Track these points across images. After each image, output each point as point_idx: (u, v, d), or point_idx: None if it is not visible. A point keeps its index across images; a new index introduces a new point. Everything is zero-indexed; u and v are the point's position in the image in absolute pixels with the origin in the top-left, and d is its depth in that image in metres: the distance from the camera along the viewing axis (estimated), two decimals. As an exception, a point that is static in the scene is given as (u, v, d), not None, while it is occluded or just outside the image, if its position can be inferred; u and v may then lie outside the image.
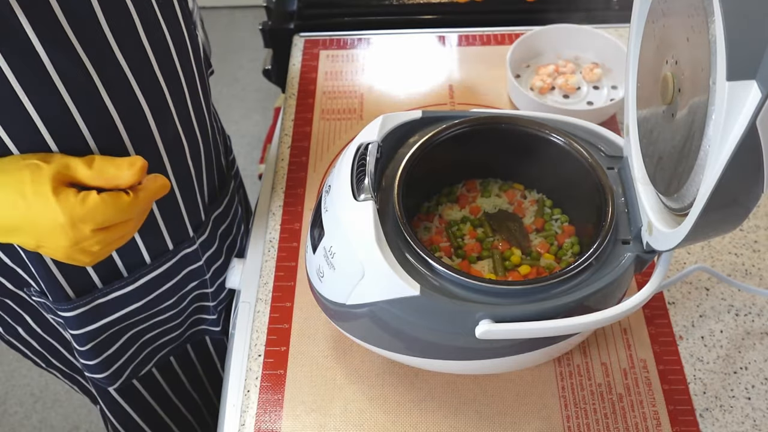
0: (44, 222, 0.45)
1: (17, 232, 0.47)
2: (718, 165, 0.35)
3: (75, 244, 0.47)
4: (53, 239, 0.46)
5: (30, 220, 0.45)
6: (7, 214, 0.46)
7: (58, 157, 0.47)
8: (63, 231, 0.46)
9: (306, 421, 0.58)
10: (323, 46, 0.91)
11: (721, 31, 0.33)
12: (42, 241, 0.47)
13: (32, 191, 0.45)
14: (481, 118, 0.57)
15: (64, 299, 0.60)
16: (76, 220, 0.45)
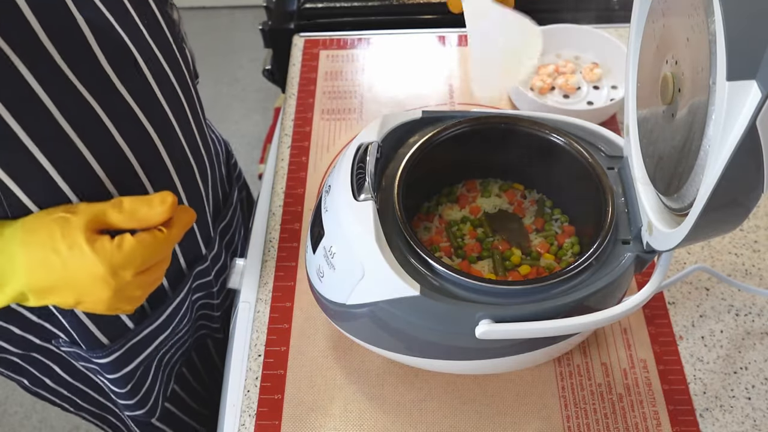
0: (83, 276, 0.43)
1: (54, 292, 0.44)
2: (718, 165, 0.35)
3: (117, 293, 0.45)
4: (95, 292, 0.45)
5: (67, 277, 0.43)
6: (42, 275, 0.43)
7: (83, 206, 0.46)
8: (104, 282, 0.44)
9: (306, 421, 0.58)
10: (323, 46, 0.91)
11: (721, 31, 0.33)
12: (82, 296, 0.45)
13: (66, 246, 0.43)
14: (481, 118, 0.57)
15: (98, 347, 0.58)
16: (117, 267, 0.44)
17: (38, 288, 0.44)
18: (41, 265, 0.43)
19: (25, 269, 0.43)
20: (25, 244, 0.44)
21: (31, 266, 0.43)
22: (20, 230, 0.44)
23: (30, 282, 0.44)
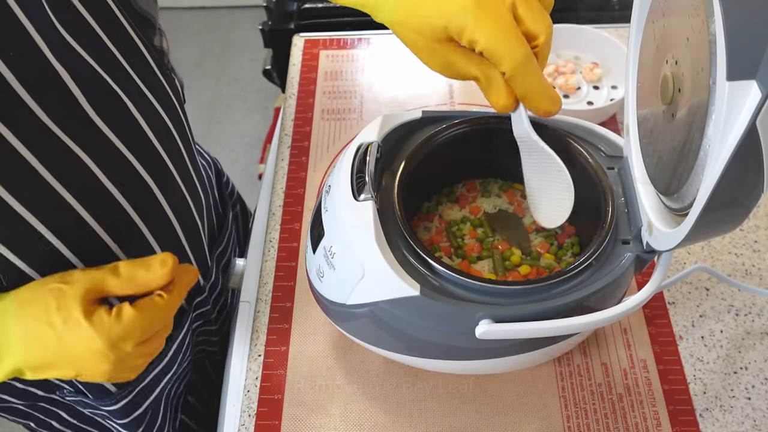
0: (80, 351, 0.42)
1: (51, 367, 0.43)
2: (718, 165, 0.35)
3: (117, 365, 0.43)
4: (93, 366, 0.43)
5: (64, 352, 0.42)
6: (38, 351, 0.41)
7: (79, 274, 0.44)
8: (103, 356, 0.42)
9: (306, 421, 0.58)
10: (323, 46, 0.91)
11: (721, 31, 0.33)
12: (81, 370, 0.43)
13: (61, 319, 0.41)
14: (481, 118, 0.57)
15: (105, 395, 0.57)
16: (116, 340, 0.42)
17: (34, 364, 0.42)
18: (36, 339, 0.41)
19: (21, 344, 0.41)
20: (19, 317, 0.42)
21: (26, 341, 0.41)
22: (14, 302, 0.42)
23: (26, 358, 0.42)
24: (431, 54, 0.48)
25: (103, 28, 0.48)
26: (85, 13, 0.46)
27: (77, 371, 0.43)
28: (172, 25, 2.21)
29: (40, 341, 0.41)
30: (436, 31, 0.45)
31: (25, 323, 0.42)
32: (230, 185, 0.83)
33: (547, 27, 0.46)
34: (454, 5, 0.44)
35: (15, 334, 0.41)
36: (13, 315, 0.42)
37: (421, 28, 0.46)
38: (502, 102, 0.48)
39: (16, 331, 0.41)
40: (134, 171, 0.50)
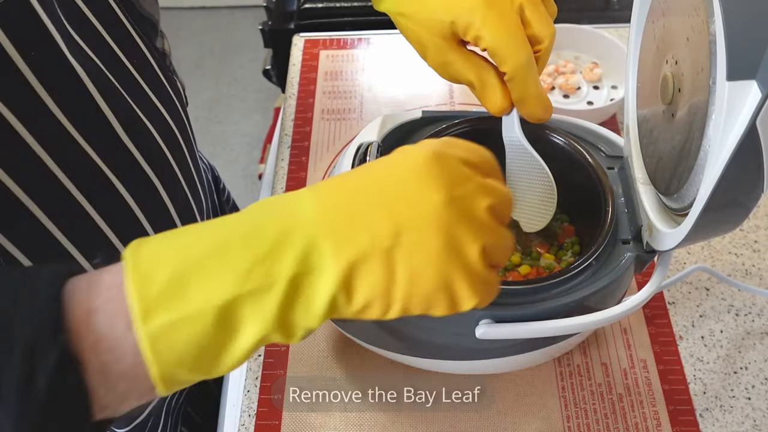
0: (406, 180, 0.32)
1: (360, 218, 0.32)
2: (718, 165, 0.35)
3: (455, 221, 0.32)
4: (421, 213, 0.32)
5: (381, 185, 0.33)
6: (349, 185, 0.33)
7: None
8: (435, 181, 0.32)
9: (306, 421, 0.58)
10: (323, 46, 0.91)
11: (721, 31, 0.33)
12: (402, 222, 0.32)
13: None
14: (481, 118, 0.57)
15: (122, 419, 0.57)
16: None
17: (335, 219, 0.31)
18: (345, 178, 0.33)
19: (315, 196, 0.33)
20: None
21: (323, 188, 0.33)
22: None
23: (324, 204, 0.32)
24: (433, 50, 0.48)
25: (107, 29, 0.48)
26: (89, 13, 0.46)
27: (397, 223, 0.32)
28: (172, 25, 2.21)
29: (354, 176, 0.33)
30: (442, 26, 0.46)
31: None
32: (226, 192, 0.83)
33: (551, 33, 0.46)
34: (464, 2, 0.44)
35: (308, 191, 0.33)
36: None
37: (427, 22, 0.46)
38: (499, 104, 0.48)
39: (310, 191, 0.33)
40: (142, 172, 0.50)
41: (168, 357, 0.30)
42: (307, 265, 0.31)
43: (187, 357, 0.30)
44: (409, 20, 0.48)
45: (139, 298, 0.29)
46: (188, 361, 0.30)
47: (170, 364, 0.30)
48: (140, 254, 0.31)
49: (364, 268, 0.31)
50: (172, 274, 0.30)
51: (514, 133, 0.52)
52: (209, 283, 0.30)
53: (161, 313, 0.29)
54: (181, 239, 0.32)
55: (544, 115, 0.48)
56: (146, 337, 0.29)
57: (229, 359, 0.31)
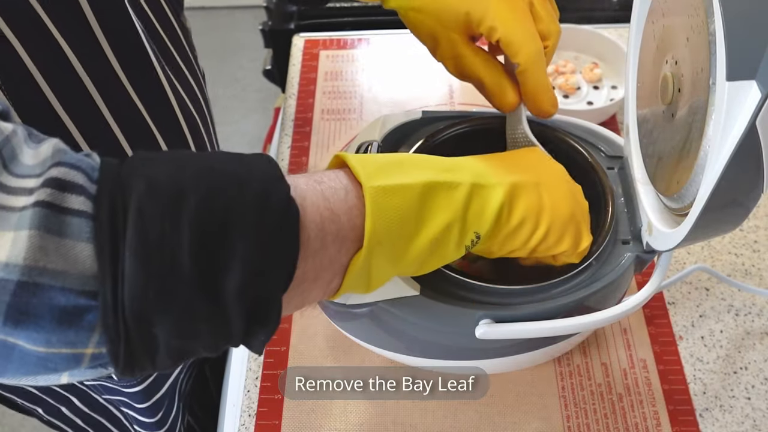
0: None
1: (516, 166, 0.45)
2: (718, 165, 0.35)
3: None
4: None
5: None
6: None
7: None
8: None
9: (306, 421, 0.58)
10: (323, 46, 0.91)
11: (721, 31, 0.33)
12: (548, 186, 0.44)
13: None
14: (481, 118, 0.57)
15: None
16: None
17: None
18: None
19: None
20: None
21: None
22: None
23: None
24: (444, 43, 0.49)
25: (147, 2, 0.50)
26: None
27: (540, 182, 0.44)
28: (172, 25, 2.20)
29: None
30: (456, 18, 0.47)
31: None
32: None
33: (558, 31, 0.48)
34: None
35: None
36: None
37: (440, 14, 0.47)
38: (509, 99, 0.50)
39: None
40: (178, 121, 0.52)
41: (380, 218, 0.35)
42: (482, 180, 0.40)
43: (393, 225, 0.36)
44: (421, 13, 0.48)
45: (362, 168, 0.36)
46: (393, 229, 0.36)
47: (380, 227, 0.35)
48: (352, 156, 0.38)
49: (522, 191, 0.42)
50: (384, 164, 0.38)
51: (521, 128, 0.52)
52: (413, 173, 0.38)
53: (381, 179, 0.36)
54: (375, 156, 0.39)
55: (551, 110, 0.50)
56: (369, 192, 0.35)
57: (418, 243, 0.38)
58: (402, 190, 0.36)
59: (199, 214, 0.29)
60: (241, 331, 0.31)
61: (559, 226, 0.43)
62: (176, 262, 0.28)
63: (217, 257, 0.29)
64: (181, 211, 0.28)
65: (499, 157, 0.45)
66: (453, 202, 0.38)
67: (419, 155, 0.42)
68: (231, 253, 0.29)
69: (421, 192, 0.37)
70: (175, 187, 0.29)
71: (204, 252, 0.29)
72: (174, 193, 0.29)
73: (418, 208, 0.37)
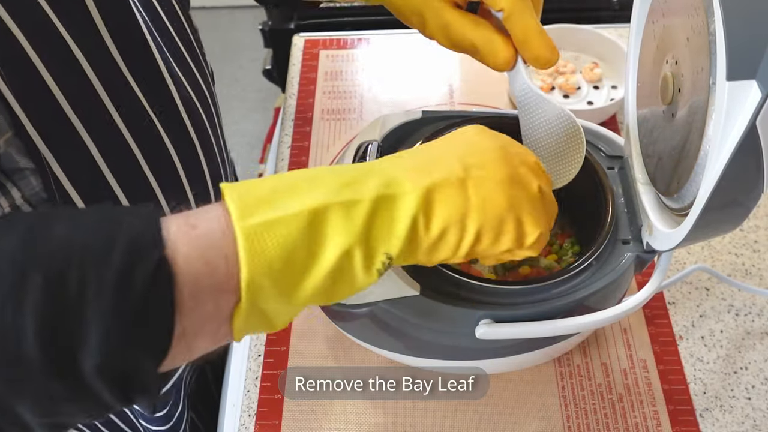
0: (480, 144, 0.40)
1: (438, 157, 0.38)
2: (718, 165, 0.35)
3: (516, 179, 0.39)
4: (491, 163, 0.39)
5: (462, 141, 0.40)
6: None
7: None
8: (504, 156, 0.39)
9: (306, 421, 0.58)
10: (323, 46, 0.91)
11: (721, 31, 0.33)
12: (472, 164, 0.38)
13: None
14: (481, 118, 0.57)
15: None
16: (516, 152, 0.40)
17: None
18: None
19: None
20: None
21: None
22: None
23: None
24: (430, 14, 0.48)
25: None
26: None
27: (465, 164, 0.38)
28: (172, 25, 2.20)
29: None
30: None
31: None
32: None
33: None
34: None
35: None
36: None
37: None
38: (503, 55, 0.47)
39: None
40: (168, 155, 0.51)
41: (257, 262, 0.31)
42: (390, 190, 0.35)
43: (276, 265, 0.32)
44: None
45: (238, 202, 0.32)
46: (276, 270, 0.32)
47: (260, 269, 0.31)
48: (235, 185, 0.34)
49: (441, 194, 0.36)
50: (271, 191, 0.33)
51: (525, 83, 0.49)
52: (304, 196, 0.33)
53: (261, 212, 0.32)
54: (271, 178, 0.35)
55: (551, 56, 0.46)
56: (243, 233, 0.31)
57: (313, 277, 0.33)
58: (285, 222, 0.32)
59: (45, 298, 0.27)
60: (115, 402, 0.30)
61: (492, 225, 0.37)
62: (22, 348, 0.27)
63: (69, 340, 0.28)
64: (25, 295, 0.27)
65: (422, 152, 0.39)
66: (351, 225, 0.33)
67: (323, 169, 0.36)
68: (85, 334, 0.28)
69: (309, 220, 0.32)
70: (19, 267, 0.28)
71: (52, 336, 0.27)
72: (18, 275, 0.27)
73: (307, 239, 0.33)
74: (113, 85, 0.44)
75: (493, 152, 0.39)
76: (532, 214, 0.39)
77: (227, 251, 0.31)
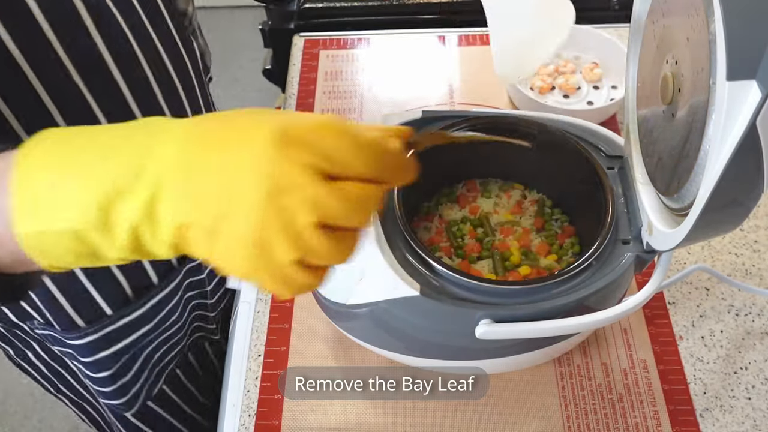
0: (237, 186, 0.31)
1: (195, 195, 0.31)
2: (718, 165, 0.35)
3: (265, 254, 0.31)
4: (238, 220, 0.31)
5: (221, 181, 0.31)
6: (193, 164, 0.31)
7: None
8: (259, 207, 0.30)
9: (306, 422, 0.58)
10: (323, 46, 0.91)
11: (721, 31, 0.33)
12: (220, 219, 0.31)
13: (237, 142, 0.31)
14: (481, 118, 0.57)
15: (73, 329, 0.58)
16: (285, 188, 0.30)
17: (179, 185, 0.31)
18: (197, 153, 0.31)
19: (174, 159, 0.32)
20: (185, 132, 0.32)
21: (181, 157, 0.32)
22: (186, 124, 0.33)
23: (171, 175, 0.31)
24: None
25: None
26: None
27: (215, 219, 0.31)
28: (172, 25, 2.21)
29: (201, 157, 0.32)
30: None
31: (189, 139, 0.32)
32: None
33: None
34: None
35: (172, 144, 0.32)
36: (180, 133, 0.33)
37: None
38: None
39: (173, 141, 0.32)
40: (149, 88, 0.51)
41: (45, 256, 0.33)
42: (149, 217, 0.32)
43: (65, 257, 0.33)
44: None
45: (19, 199, 0.32)
46: (68, 259, 0.33)
47: (51, 258, 0.33)
48: (33, 154, 0.33)
49: (191, 234, 0.32)
50: (47, 185, 0.32)
51: None
52: (69, 210, 0.32)
53: (32, 222, 0.32)
54: (68, 146, 0.33)
55: None
56: (23, 238, 0.32)
57: (108, 258, 0.33)
58: (53, 236, 0.32)
59: None
60: None
61: (238, 276, 0.33)
62: None
63: None
64: None
65: (203, 152, 0.32)
66: (112, 242, 0.32)
67: (100, 147, 0.33)
68: None
69: (72, 239, 0.32)
70: None
71: None
72: None
73: (78, 248, 0.32)
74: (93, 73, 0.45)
75: (252, 201, 0.31)
76: (273, 283, 0.33)
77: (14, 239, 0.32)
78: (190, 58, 0.57)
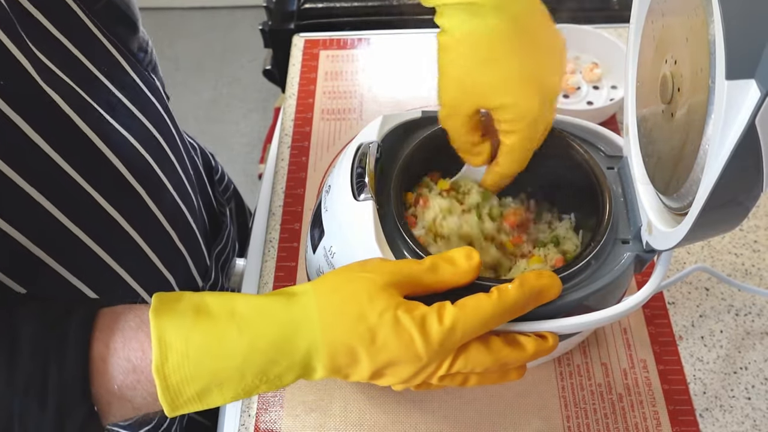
0: (394, 349, 0.38)
1: (356, 363, 0.39)
2: (717, 164, 0.35)
3: (424, 369, 0.39)
4: (403, 368, 0.39)
5: (375, 349, 0.38)
6: (342, 341, 0.38)
7: (377, 263, 0.41)
8: (417, 359, 0.38)
9: (306, 421, 0.58)
10: (323, 46, 0.91)
11: (720, 31, 0.33)
12: (388, 368, 0.39)
13: (376, 313, 0.37)
14: (480, 117, 0.57)
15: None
16: (436, 344, 0.38)
17: (337, 363, 0.38)
18: (345, 331, 0.37)
19: (322, 333, 0.38)
20: (321, 308, 0.38)
21: (329, 334, 0.38)
22: (314, 293, 0.39)
23: (329, 349, 0.38)
24: None
25: (72, 40, 0.47)
26: (50, 26, 0.46)
27: (382, 367, 0.39)
28: (172, 25, 2.21)
29: (350, 332, 0.37)
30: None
31: (329, 313, 0.38)
32: (225, 181, 0.82)
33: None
34: None
35: (316, 323, 0.38)
36: (315, 305, 0.38)
37: None
38: (481, 160, 0.54)
39: (317, 321, 0.38)
40: (128, 185, 0.50)
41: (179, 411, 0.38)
42: (305, 372, 0.39)
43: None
44: None
45: (166, 398, 0.37)
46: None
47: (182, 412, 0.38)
48: (168, 342, 0.37)
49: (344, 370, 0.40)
50: (199, 390, 0.37)
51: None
52: (225, 395, 0.38)
53: (184, 407, 0.38)
54: (207, 348, 0.37)
55: (492, 191, 0.58)
56: (168, 407, 0.37)
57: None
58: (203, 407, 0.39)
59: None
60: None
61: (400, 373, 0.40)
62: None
63: None
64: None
65: (352, 320, 0.38)
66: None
67: (254, 342, 0.38)
68: None
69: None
70: None
71: None
72: None
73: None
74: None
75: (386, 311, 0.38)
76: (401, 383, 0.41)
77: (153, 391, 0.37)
78: (157, 98, 0.56)
